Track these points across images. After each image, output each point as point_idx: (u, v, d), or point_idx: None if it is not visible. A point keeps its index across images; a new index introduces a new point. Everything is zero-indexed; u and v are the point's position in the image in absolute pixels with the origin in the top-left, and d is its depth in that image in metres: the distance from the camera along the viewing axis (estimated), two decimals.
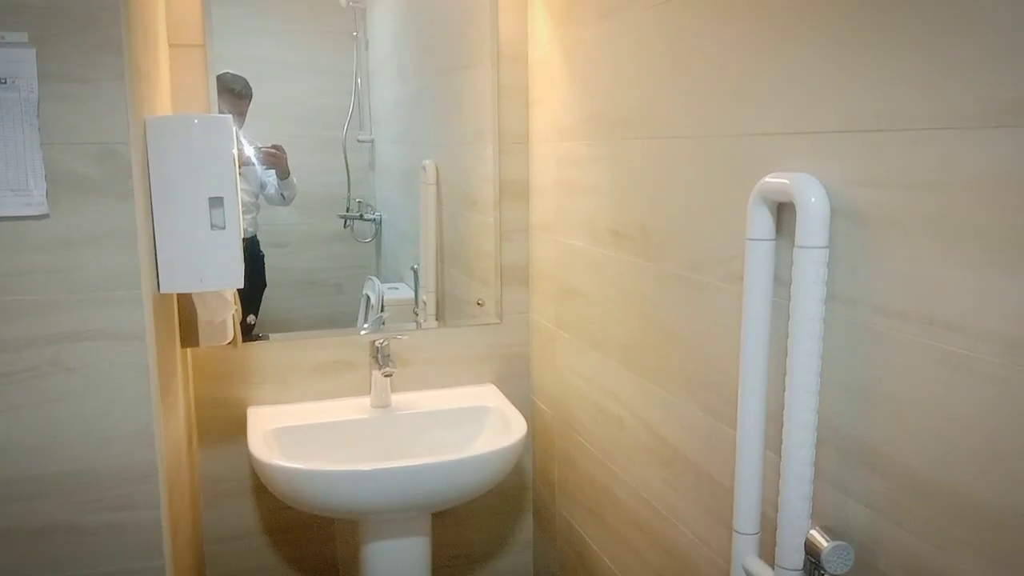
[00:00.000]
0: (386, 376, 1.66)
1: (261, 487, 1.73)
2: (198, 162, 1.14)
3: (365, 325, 1.79)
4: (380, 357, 1.69)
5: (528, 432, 1.59)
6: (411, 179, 1.83)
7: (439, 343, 1.81)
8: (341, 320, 1.78)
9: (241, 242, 1.18)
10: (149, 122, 1.13)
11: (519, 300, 1.86)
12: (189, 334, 1.46)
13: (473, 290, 1.86)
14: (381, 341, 1.70)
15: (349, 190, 1.77)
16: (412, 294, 1.84)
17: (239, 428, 1.67)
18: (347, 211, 1.77)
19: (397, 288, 1.84)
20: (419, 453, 1.54)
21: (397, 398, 1.73)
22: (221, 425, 1.69)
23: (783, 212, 0.94)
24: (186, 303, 1.44)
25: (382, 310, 1.80)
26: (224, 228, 1.16)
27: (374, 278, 1.83)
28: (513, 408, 1.68)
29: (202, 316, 1.35)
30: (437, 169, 1.82)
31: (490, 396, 1.77)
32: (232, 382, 1.68)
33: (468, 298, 1.87)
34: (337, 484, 1.41)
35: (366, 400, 1.73)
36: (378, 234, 1.80)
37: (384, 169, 1.79)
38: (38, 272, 1.02)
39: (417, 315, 1.83)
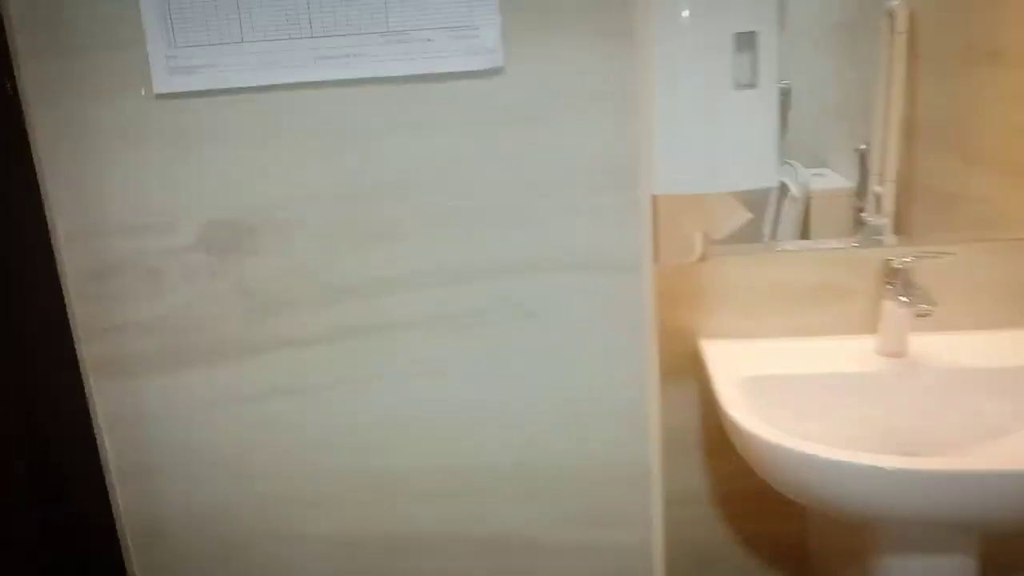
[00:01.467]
0: (919, 316, 1.13)
1: (716, 443, 1.33)
2: None
3: (854, 240, 1.28)
4: (901, 284, 1.16)
5: None
6: (851, 33, 1.32)
7: (972, 264, 1.23)
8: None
9: (779, 109, 0.71)
10: None
11: None
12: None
13: (982, 182, 1.29)
14: (904, 260, 1.16)
15: None
16: (844, 183, 1.33)
17: (689, 365, 1.28)
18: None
19: (823, 175, 1.38)
20: (962, 433, 1.03)
21: (918, 342, 1.20)
22: (671, 360, 1.30)
23: None
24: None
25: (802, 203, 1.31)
26: (755, 87, 0.70)
27: (793, 163, 1.35)
28: None
29: (689, 225, 0.92)
30: (912, 13, 1.26)
31: None
32: (683, 306, 1.28)
33: (969, 194, 1.31)
34: (846, 480, 0.96)
35: (867, 342, 1.22)
36: (783, 108, 1.28)
37: (801, 24, 1.31)
38: (487, 160, 0.65)
39: (863, 212, 1.32)
